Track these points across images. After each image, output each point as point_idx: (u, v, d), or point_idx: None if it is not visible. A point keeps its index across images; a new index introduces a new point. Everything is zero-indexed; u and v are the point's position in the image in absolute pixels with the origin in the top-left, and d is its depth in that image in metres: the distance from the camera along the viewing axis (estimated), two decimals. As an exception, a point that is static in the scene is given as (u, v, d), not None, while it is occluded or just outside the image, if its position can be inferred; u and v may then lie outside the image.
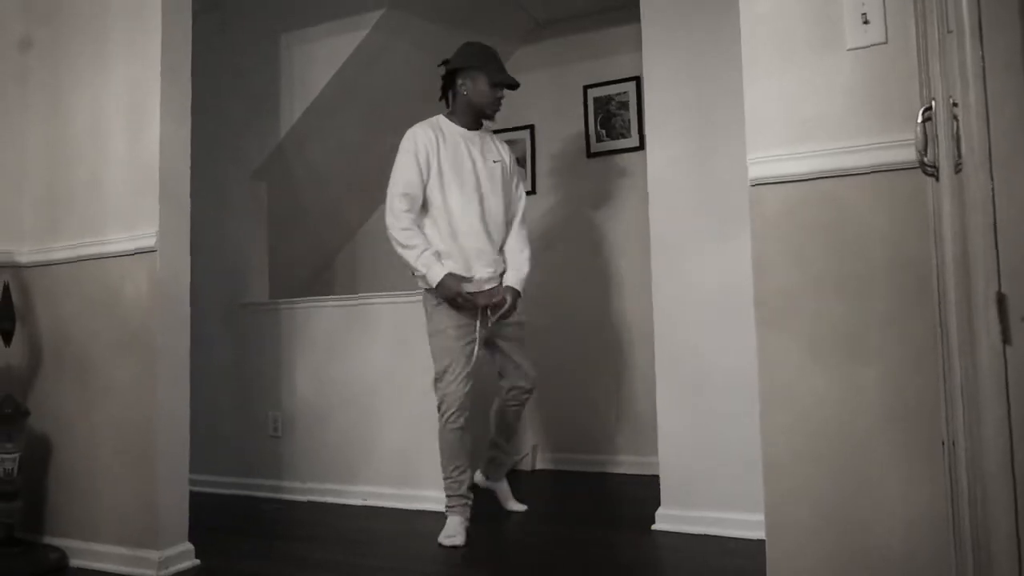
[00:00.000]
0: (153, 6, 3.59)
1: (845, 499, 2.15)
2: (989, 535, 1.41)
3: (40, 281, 3.79)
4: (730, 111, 3.72)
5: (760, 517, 2.36)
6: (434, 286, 3.85)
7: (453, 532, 3.78)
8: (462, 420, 3.85)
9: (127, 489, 3.47)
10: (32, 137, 3.91)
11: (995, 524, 1.37)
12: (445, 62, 4.12)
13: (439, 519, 4.01)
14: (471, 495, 3.93)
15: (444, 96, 4.17)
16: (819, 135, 2.26)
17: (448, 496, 3.91)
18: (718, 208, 3.80)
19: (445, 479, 3.91)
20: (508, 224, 4.09)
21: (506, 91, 4.12)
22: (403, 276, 6.35)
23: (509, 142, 4.75)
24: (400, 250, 3.93)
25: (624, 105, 5.68)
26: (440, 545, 3.73)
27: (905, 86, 2.13)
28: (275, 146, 5.26)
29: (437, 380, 3.90)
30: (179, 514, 3.52)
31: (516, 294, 3.97)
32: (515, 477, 5.31)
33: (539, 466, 4.30)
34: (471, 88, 4.03)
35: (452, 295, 3.83)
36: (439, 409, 3.89)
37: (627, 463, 5.43)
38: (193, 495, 3.65)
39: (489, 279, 3.95)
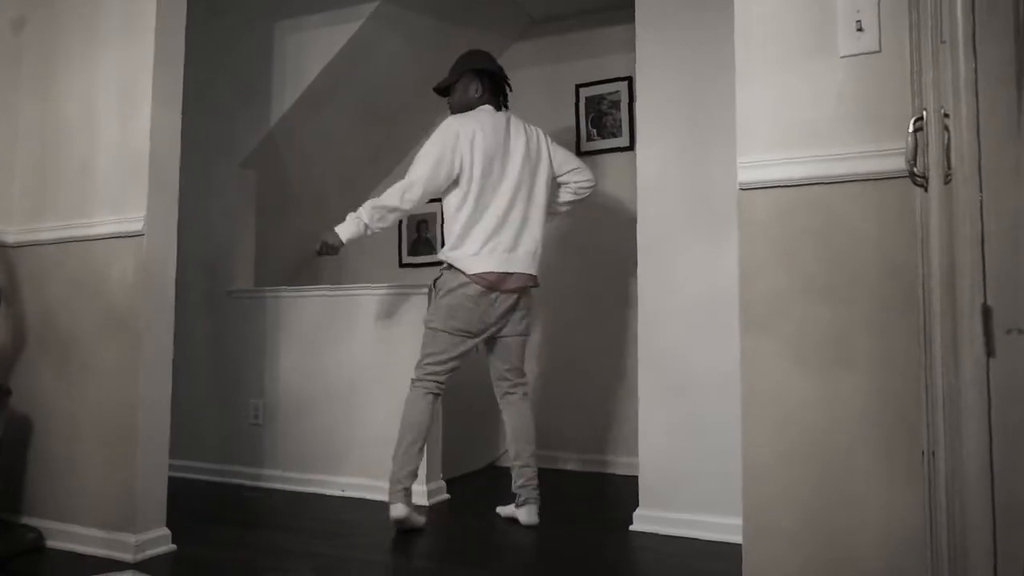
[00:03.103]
0: (148, -11, 3.59)
1: (824, 505, 2.15)
2: (967, 546, 1.42)
3: (26, 261, 3.77)
4: (722, 114, 3.73)
5: (738, 521, 2.37)
6: None
7: None
8: None
9: (106, 472, 3.46)
10: (23, 118, 3.90)
11: (973, 536, 1.38)
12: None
13: (418, 512, 4.02)
14: None
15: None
16: (810, 141, 2.26)
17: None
18: (707, 211, 3.80)
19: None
20: None
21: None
22: (388, 268, 6.39)
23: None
24: None
25: (616, 105, 5.69)
26: None
27: (897, 95, 2.14)
28: (265, 134, 5.25)
29: None
30: (157, 499, 3.52)
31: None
32: (495, 474, 5.32)
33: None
34: None
35: None
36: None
37: (612, 463, 5.43)
38: (172, 480, 3.64)
39: None
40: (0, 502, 3.60)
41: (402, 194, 3.93)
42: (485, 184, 3.92)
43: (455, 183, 3.95)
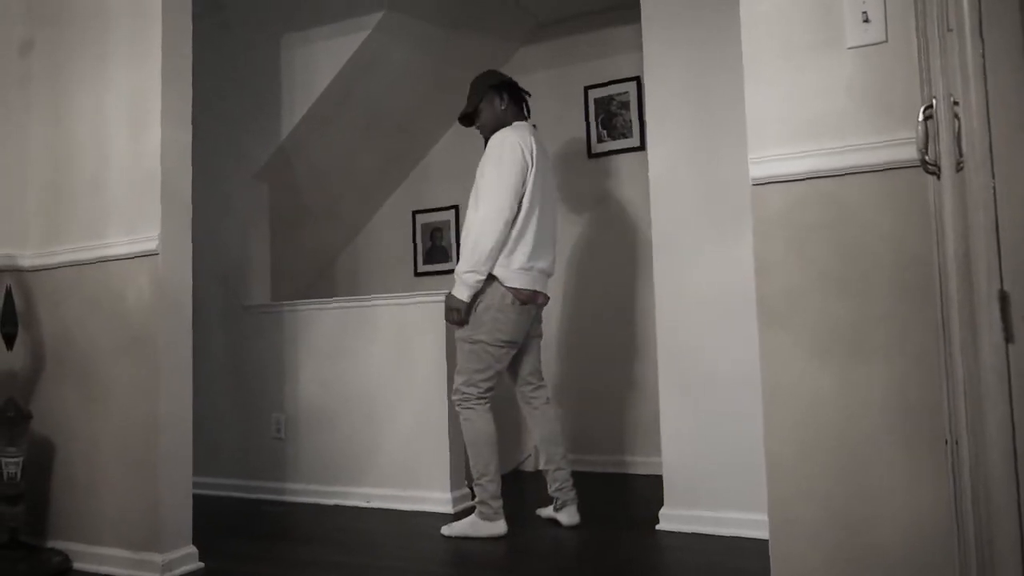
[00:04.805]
0: (154, 8, 3.59)
1: (848, 498, 2.14)
2: (992, 533, 1.41)
3: (42, 285, 3.79)
4: (731, 111, 3.72)
5: (763, 516, 2.36)
6: None
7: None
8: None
9: (130, 492, 3.47)
10: (34, 140, 3.91)
11: (998, 522, 1.37)
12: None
13: (443, 520, 4.02)
14: None
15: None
16: (820, 134, 2.26)
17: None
18: (720, 208, 3.80)
19: None
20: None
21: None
22: (404, 278, 6.40)
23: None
24: None
25: (625, 105, 5.68)
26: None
27: (906, 84, 2.13)
28: (276, 147, 5.26)
29: None
30: (182, 517, 3.52)
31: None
32: (520, 478, 5.32)
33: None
34: None
35: None
36: None
37: (633, 463, 5.43)
38: (196, 498, 3.65)
39: None
40: (25, 526, 3.61)
41: (499, 227, 3.78)
42: (532, 199, 3.89)
43: None
